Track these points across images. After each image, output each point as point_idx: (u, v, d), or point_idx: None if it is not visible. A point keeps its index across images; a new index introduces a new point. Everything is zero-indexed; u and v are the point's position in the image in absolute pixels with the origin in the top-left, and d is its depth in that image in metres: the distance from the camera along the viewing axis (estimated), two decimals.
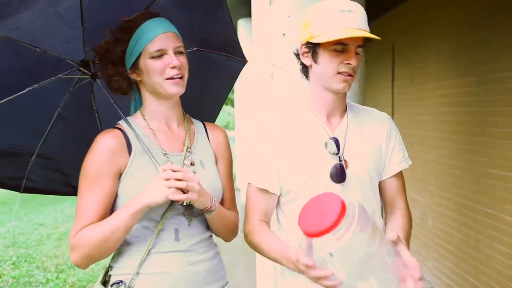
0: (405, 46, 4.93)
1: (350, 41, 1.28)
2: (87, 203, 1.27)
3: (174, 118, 1.40)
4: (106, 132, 1.33)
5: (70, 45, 1.42)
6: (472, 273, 3.58)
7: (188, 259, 1.33)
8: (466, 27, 3.70)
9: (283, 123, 1.43)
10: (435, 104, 4.23)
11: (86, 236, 1.24)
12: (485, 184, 3.40)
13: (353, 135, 1.41)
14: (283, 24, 2.06)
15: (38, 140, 1.54)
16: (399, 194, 1.48)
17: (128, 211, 1.23)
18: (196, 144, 1.42)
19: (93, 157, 1.28)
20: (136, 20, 1.31)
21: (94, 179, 1.27)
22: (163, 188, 1.21)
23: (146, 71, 1.30)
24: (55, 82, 1.46)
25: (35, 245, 6.24)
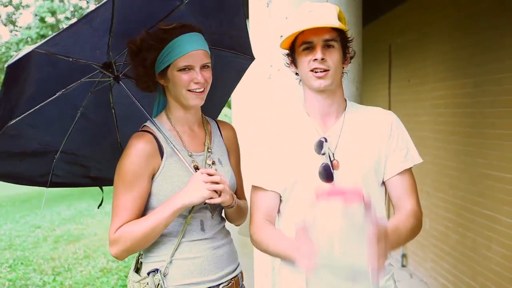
0: (402, 48, 4.94)
1: (313, 37, 1.33)
2: (126, 202, 1.40)
3: (195, 121, 1.55)
4: (140, 137, 1.44)
5: (97, 51, 1.54)
6: (469, 274, 3.59)
7: (212, 244, 1.50)
8: (463, 29, 3.71)
9: (280, 124, 1.49)
10: (432, 105, 4.24)
11: (128, 232, 1.38)
12: (482, 185, 3.41)
13: (348, 135, 1.40)
14: (280, 26, 2.06)
15: (63, 137, 1.67)
16: (405, 194, 1.41)
17: (168, 210, 1.37)
18: (214, 144, 1.57)
19: (130, 160, 1.40)
20: (172, 33, 1.40)
21: (132, 181, 1.40)
22: (202, 189, 1.34)
23: (172, 81, 1.42)
24: (80, 86, 1.58)
25: (32, 248, 6.21)
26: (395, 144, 1.41)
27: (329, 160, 1.36)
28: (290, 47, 1.41)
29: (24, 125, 1.53)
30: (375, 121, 1.43)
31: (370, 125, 1.42)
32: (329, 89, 1.38)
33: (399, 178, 1.41)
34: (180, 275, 1.45)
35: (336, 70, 1.36)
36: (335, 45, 1.34)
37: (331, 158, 1.37)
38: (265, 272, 2.40)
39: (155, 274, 1.44)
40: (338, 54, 1.35)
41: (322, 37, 1.33)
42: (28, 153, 1.66)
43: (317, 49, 1.33)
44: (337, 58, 1.35)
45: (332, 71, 1.34)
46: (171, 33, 1.40)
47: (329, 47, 1.34)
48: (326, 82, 1.35)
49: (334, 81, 1.37)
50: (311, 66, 1.34)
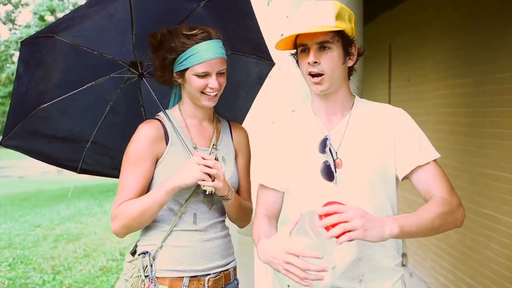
0: (402, 47, 4.94)
1: (307, 40, 1.32)
2: (128, 182, 1.49)
3: (205, 117, 1.61)
4: (147, 122, 1.55)
5: (122, 48, 1.65)
6: (469, 273, 3.59)
7: (203, 236, 1.55)
8: (462, 28, 3.71)
9: (287, 123, 1.50)
10: (432, 105, 4.24)
11: (126, 209, 1.46)
12: (482, 185, 3.41)
13: (353, 133, 1.38)
14: (280, 25, 2.06)
15: (93, 129, 1.80)
16: (432, 186, 1.35)
17: (162, 190, 1.45)
18: (221, 142, 1.62)
19: (135, 143, 1.50)
20: (194, 39, 1.47)
21: (136, 162, 1.49)
22: (194, 170, 1.40)
23: (189, 83, 1.50)
24: (109, 80, 1.70)
25: (31, 247, 6.21)
26: (406, 140, 1.36)
27: (331, 159, 1.35)
28: (294, 47, 1.40)
29: (55, 110, 1.68)
30: (383, 118, 1.39)
31: (377, 122, 1.39)
32: (329, 92, 1.37)
33: (421, 173, 1.35)
34: (167, 260, 1.52)
35: (334, 71, 1.33)
36: (331, 46, 1.32)
37: (333, 157, 1.36)
38: (265, 271, 2.40)
39: (145, 256, 1.52)
40: (335, 55, 1.33)
41: (316, 40, 1.31)
42: (58, 137, 1.79)
43: (311, 53, 1.32)
44: (334, 59, 1.33)
45: (328, 74, 1.32)
46: (193, 39, 1.47)
47: (324, 49, 1.32)
48: (322, 87, 1.34)
49: (332, 84, 1.35)
50: (307, 69, 1.34)
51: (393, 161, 1.36)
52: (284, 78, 2.06)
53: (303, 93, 1.99)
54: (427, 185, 1.35)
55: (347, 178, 1.35)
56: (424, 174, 1.35)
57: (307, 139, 1.41)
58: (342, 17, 1.33)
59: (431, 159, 1.36)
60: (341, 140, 1.38)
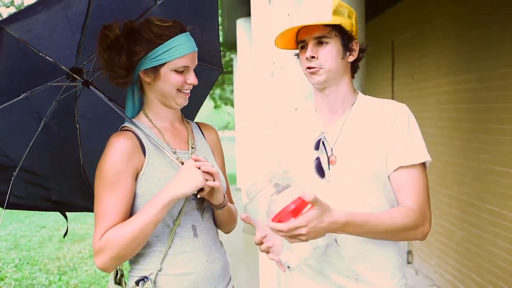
0: (404, 44, 4.92)
1: (305, 36, 1.35)
2: (109, 205, 1.27)
3: (176, 118, 1.47)
4: (119, 135, 1.34)
5: (66, 51, 1.41)
6: (475, 270, 3.58)
7: (208, 257, 1.39)
8: (466, 24, 3.69)
9: (290, 121, 1.52)
10: (435, 101, 4.23)
11: (115, 237, 1.24)
12: (487, 181, 3.39)
13: (349, 131, 1.37)
14: (282, 23, 2.05)
15: (24, 151, 1.48)
16: (404, 191, 1.31)
17: (157, 205, 1.25)
18: (197, 142, 1.49)
19: (110, 158, 1.29)
20: (173, 31, 1.33)
21: (114, 181, 1.28)
22: (196, 176, 1.26)
23: (165, 80, 1.35)
24: (46, 90, 1.43)
25: (37, 248, 6.24)
26: (397, 138, 1.33)
27: (325, 155, 1.36)
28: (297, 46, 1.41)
29: None
30: (381, 114, 1.37)
31: (375, 119, 1.37)
32: (328, 85, 1.37)
33: (399, 175, 1.31)
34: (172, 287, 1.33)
35: (332, 66, 1.34)
36: (329, 40, 1.33)
37: (328, 154, 1.36)
38: (270, 270, 2.40)
39: (145, 283, 1.31)
40: (334, 50, 1.33)
41: (313, 34, 1.33)
42: None
43: (308, 47, 1.34)
44: (333, 53, 1.33)
45: (326, 68, 1.33)
46: (171, 30, 1.33)
47: (321, 44, 1.33)
48: (320, 78, 1.34)
49: (331, 77, 1.35)
50: (306, 64, 1.36)
51: (385, 158, 1.33)
52: (286, 76, 2.06)
53: (305, 92, 1.99)
54: (402, 189, 1.31)
55: (340, 176, 1.35)
56: (403, 176, 1.31)
57: (305, 136, 1.42)
58: (340, 12, 1.34)
59: (418, 162, 1.31)
60: (337, 137, 1.38)
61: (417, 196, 1.30)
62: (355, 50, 1.38)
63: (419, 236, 1.30)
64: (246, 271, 4.88)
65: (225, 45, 11.06)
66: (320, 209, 1.11)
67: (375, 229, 1.23)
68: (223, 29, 9.49)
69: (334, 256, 1.36)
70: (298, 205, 1.10)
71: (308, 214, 1.10)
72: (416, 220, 1.27)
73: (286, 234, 1.10)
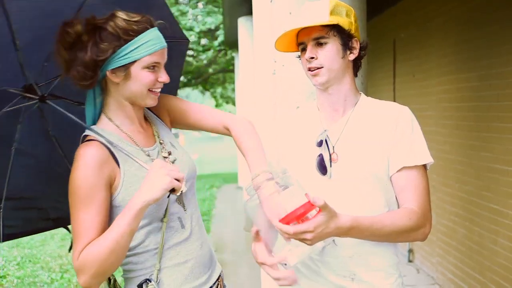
0: (406, 42, 4.92)
1: (304, 38, 1.37)
2: (85, 221, 1.20)
3: (142, 115, 1.40)
4: (86, 146, 1.26)
5: (7, 73, 1.32)
6: (477, 269, 3.58)
7: (197, 243, 1.39)
8: (467, 22, 3.69)
9: (292, 118, 1.54)
10: (437, 100, 4.22)
11: (92, 254, 1.18)
12: (489, 179, 3.40)
13: (352, 130, 1.39)
14: (284, 21, 2.05)
15: (4, 181, 1.44)
16: (406, 192, 1.33)
17: (129, 215, 1.18)
18: (159, 130, 1.42)
19: (82, 171, 1.21)
20: (143, 25, 1.25)
21: (88, 194, 1.20)
22: (163, 178, 1.18)
23: (135, 79, 1.26)
24: (6, 116, 1.36)
25: (39, 246, 6.25)
26: (399, 139, 1.34)
27: (327, 153, 1.37)
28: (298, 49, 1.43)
29: None
30: (384, 116, 1.38)
31: (377, 120, 1.38)
32: (330, 85, 1.38)
33: (401, 175, 1.33)
34: (174, 282, 1.33)
35: (332, 65, 1.35)
36: (327, 40, 1.34)
37: (329, 151, 1.37)
38: None
39: (148, 284, 1.29)
40: (333, 49, 1.35)
41: (311, 36, 1.35)
42: None
43: (307, 49, 1.36)
44: (332, 53, 1.34)
45: (326, 68, 1.35)
46: (140, 25, 1.24)
47: (321, 45, 1.35)
48: (321, 79, 1.36)
49: (332, 77, 1.36)
50: (306, 65, 1.38)
51: (387, 159, 1.35)
52: (288, 75, 2.06)
53: (307, 91, 1.99)
54: (404, 190, 1.34)
55: (341, 173, 1.36)
56: (406, 177, 1.33)
57: (307, 133, 1.44)
58: (337, 12, 1.35)
59: (421, 163, 1.34)
60: (340, 135, 1.39)
61: (419, 198, 1.32)
62: (356, 48, 1.39)
63: (420, 237, 1.33)
64: (248, 269, 4.89)
65: (226, 44, 11.06)
66: (327, 215, 1.12)
67: (379, 232, 1.25)
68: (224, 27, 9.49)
69: (331, 255, 1.37)
70: (306, 209, 1.11)
71: (315, 220, 1.11)
72: (418, 222, 1.29)
73: (291, 236, 1.12)
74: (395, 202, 1.38)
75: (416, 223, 1.29)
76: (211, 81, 16.33)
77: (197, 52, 13.94)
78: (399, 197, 1.35)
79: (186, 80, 15.75)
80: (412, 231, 1.29)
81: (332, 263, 1.36)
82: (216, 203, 9.21)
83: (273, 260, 1.20)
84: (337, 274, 1.37)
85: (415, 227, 1.29)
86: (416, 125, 1.38)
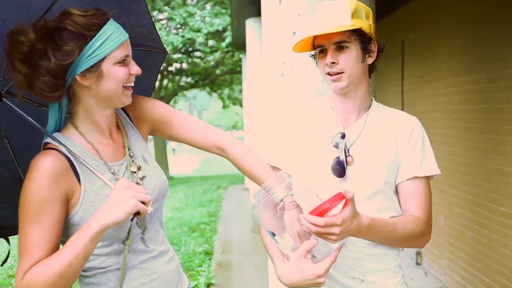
0: (414, 44, 4.90)
1: (324, 41, 1.33)
2: (34, 237, 1.08)
3: (113, 124, 1.27)
4: (43, 155, 1.13)
5: None
6: (485, 272, 3.55)
7: (163, 260, 1.29)
8: (476, 24, 3.67)
9: (305, 113, 1.49)
10: (445, 102, 4.20)
11: (39, 274, 1.06)
12: (498, 182, 3.37)
13: (367, 135, 1.39)
14: (293, 23, 2.05)
15: None
16: (413, 201, 1.38)
17: (85, 237, 1.07)
18: (130, 138, 1.30)
19: (35, 184, 1.09)
20: (103, 19, 1.13)
21: (40, 209, 1.09)
22: (128, 201, 1.07)
23: (109, 77, 1.14)
24: None
25: None
26: (412, 150, 1.38)
27: (344, 155, 1.36)
28: (313, 48, 1.41)
29: None
30: (397, 124, 1.41)
31: (391, 127, 1.40)
32: (348, 90, 1.37)
33: (409, 184, 1.38)
34: None
35: (353, 70, 1.33)
36: (349, 45, 1.32)
37: (346, 154, 1.36)
38: None
39: None
40: (353, 54, 1.33)
41: (332, 40, 1.32)
42: None
43: (328, 53, 1.33)
44: (353, 58, 1.33)
45: (347, 73, 1.33)
46: (98, 19, 1.12)
47: (342, 49, 1.32)
48: (341, 84, 1.35)
49: (352, 82, 1.35)
50: (326, 70, 1.35)
51: (398, 167, 1.39)
52: (297, 76, 2.06)
53: (316, 92, 1.99)
54: (411, 198, 1.38)
55: (356, 177, 1.36)
56: (414, 186, 1.38)
57: (322, 133, 1.41)
58: (358, 15, 1.32)
59: (430, 174, 1.40)
60: (356, 138, 1.39)
61: (425, 207, 1.38)
62: (374, 51, 1.39)
63: (422, 244, 1.40)
64: (255, 271, 4.89)
65: (234, 45, 11.08)
66: (352, 210, 1.15)
67: (390, 235, 1.30)
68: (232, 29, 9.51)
69: (341, 257, 1.37)
70: (338, 199, 1.12)
71: (343, 214, 1.13)
72: (423, 229, 1.36)
73: (319, 229, 1.12)
74: (396, 208, 1.41)
75: (422, 230, 1.35)
76: (218, 82, 16.38)
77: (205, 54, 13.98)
78: (405, 205, 1.39)
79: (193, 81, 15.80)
80: (417, 237, 1.35)
81: (343, 265, 1.36)
82: (223, 204, 9.22)
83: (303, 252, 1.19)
84: (347, 276, 1.38)
85: (420, 234, 1.35)
86: (426, 136, 1.43)
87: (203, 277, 4.66)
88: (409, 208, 1.38)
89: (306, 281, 1.19)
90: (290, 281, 1.22)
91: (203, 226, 7.00)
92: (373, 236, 1.27)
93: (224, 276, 4.84)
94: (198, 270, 4.88)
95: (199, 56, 14.89)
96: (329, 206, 1.12)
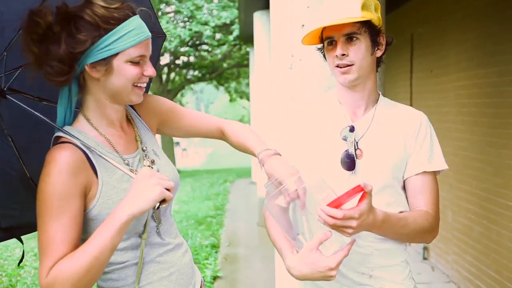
0: (424, 37, 4.85)
1: (334, 33, 1.32)
2: (56, 233, 1.07)
3: (124, 117, 1.27)
4: (59, 149, 1.11)
5: None
6: (493, 267, 3.53)
7: (178, 253, 1.29)
8: (485, 17, 3.62)
9: (312, 107, 1.48)
10: (455, 96, 4.17)
11: (65, 270, 1.04)
12: (507, 177, 3.34)
13: (376, 129, 1.39)
14: (302, 15, 2.04)
15: None
16: (421, 196, 1.38)
17: (113, 228, 1.05)
18: (140, 132, 1.30)
19: (54, 178, 1.07)
20: (124, 13, 1.11)
21: (60, 203, 1.07)
22: (154, 189, 1.06)
23: (118, 73, 1.13)
24: None
25: None
26: (420, 145, 1.39)
27: (353, 148, 1.36)
28: (321, 41, 1.40)
29: None
30: (405, 119, 1.41)
31: (399, 122, 1.40)
32: (357, 83, 1.36)
33: (418, 179, 1.38)
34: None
35: (362, 62, 1.32)
36: (359, 37, 1.31)
37: (355, 147, 1.36)
38: None
39: None
40: (363, 46, 1.32)
41: (342, 31, 1.30)
42: None
43: (338, 45, 1.31)
44: (362, 50, 1.32)
45: (357, 65, 1.32)
46: (121, 13, 1.10)
47: (352, 40, 1.31)
48: (351, 76, 1.33)
49: (361, 74, 1.34)
50: (335, 62, 1.34)
51: (405, 161, 1.39)
52: (305, 69, 2.05)
53: (324, 85, 1.98)
54: (420, 193, 1.38)
55: (365, 170, 1.36)
56: (423, 181, 1.38)
57: (330, 126, 1.41)
58: (367, 7, 1.32)
59: (439, 169, 1.40)
60: (365, 132, 1.38)
61: (434, 202, 1.38)
62: (383, 44, 1.38)
63: (430, 239, 1.40)
64: (261, 264, 4.90)
65: (241, 38, 11.04)
66: (369, 203, 1.15)
67: (402, 229, 1.30)
68: (239, 22, 9.47)
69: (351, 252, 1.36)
70: (356, 192, 1.12)
71: (360, 207, 1.13)
72: (432, 224, 1.36)
73: (337, 222, 1.11)
74: (404, 204, 1.40)
75: (431, 225, 1.35)
76: (225, 75, 16.35)
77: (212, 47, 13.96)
78: (413, 200, 1.39)
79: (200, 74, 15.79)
80: (427, 232, 1.35)
81: (351, 260, 1.36)
82: (230, 197, 9.24)
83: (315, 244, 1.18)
84: (356, 271, 1.38)
85: (429, 229, 1.35)
86: (433, 131, 1.43)
87: (209, 270, 4.68)
88: (417, 203, 1.38)
89: (317, 273, 1.17)
90: (300, 273, 1.20)
91: (210, 219, 7.03)
92: (386, 231, 1.26)
93: (231, 269, 4.86)
94: (205, 263, 4.91)
95: (206, 49, 14.87)
96: (346, 199, 1.11)
